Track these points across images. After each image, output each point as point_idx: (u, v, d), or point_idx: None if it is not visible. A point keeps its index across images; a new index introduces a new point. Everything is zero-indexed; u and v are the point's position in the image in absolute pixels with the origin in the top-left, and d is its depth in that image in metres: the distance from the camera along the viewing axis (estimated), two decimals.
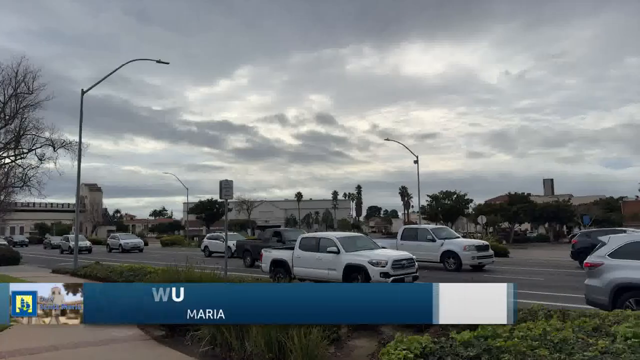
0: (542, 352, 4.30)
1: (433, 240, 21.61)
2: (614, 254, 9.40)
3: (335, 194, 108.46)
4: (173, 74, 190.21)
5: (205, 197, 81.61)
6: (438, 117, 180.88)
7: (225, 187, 16.31)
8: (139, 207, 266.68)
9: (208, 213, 78.45)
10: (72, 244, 41.23)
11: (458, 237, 23.68)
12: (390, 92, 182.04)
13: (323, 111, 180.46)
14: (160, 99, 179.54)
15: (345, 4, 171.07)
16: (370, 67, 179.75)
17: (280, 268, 15.67)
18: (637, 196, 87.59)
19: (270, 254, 16.57)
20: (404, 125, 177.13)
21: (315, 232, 40.66)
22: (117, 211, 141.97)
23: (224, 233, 36.90)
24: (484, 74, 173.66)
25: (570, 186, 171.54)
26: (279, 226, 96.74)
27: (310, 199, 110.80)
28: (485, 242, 23.55)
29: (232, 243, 33.43)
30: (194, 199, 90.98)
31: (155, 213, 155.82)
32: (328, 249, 14.29)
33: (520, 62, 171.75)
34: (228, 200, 17.56)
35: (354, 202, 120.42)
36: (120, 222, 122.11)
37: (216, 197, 74.38)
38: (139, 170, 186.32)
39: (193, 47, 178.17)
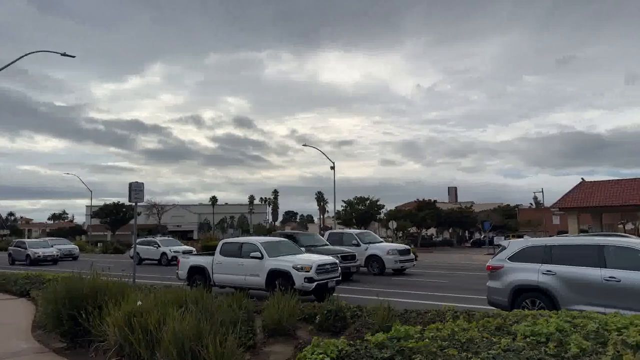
0: (451, 351, 4.48)
1: (358, 245, 21.97)
2: (513, 258, 10.12)
3: (251, 198, 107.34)
4: (78, 68, 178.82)
5: (111, 200, 77.55)
6: (354, 125, 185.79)
7: (135, 189, 15.52)
8: (35, 210, 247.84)
9: (114, 217, 74.46)
10: (31, 251, 33.47)
11: (381, 242, 24.40)
12: (308, 98, 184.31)
13: (241, 114, 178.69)
14: (64, 94, 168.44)
15: (264, 7, 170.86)
16: (289, 72, 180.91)
17: (198, 275, 15.09)
18: (531, 204, 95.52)
19: (188, 260, 15.93)
20: (322, 131, 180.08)
21: (231, 237, 39.55)
22: (11, 214, 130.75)
23: (159, 238, 35.31)
24: (397, 85, 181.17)
25: (472, 194, 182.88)
26: (192, 231, 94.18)
27: (226, 203, 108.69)
28: (407, 247, 24.46)
29: (168, 249, 31.85)
30: (98, 202, 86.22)
31: (54, 217, 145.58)
32: (251, 254, 13.96)
33: (431, 75, 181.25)
34: (137, 204, 16.73)
35: (271, 206, 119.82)
36: (15, 226, 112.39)
37: (123, 200, 71.47)
38: (37, 170, 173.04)
39: (101, 41, 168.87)
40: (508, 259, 10.20)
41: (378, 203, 64.17)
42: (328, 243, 21.23)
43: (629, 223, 71.69)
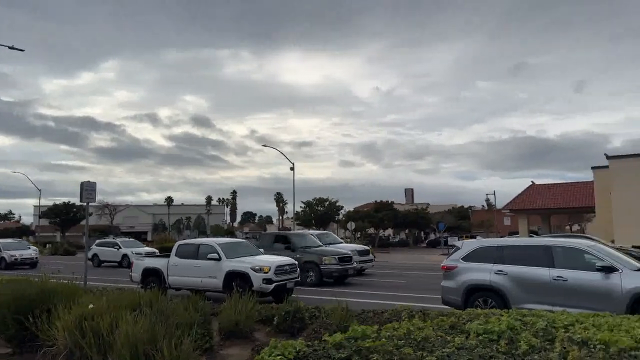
0: (407, 350, 4.57)
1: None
2: (466, 258, 10.39)
3: (209, 199, 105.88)
4: (27, 62, 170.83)
5: (61, 200, 74.80)
6: (313, 126, 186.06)
7: (87, 189, 15.03)
8: None
9: (64, 217, 71.91)
10: (7, 254, 30.02)
11: (341, 242, 24.63)
12: (268, 99, 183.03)
13: (199, 113, 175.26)
14: (11, 89, 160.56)
15: (225, 6, 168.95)
16: (249, 71, 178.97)
17: (153, 277, 14.72)
18: (483, 206, 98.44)
19: (142, 262, 15.54)
20: (282, 132, 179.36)
21: (187, 238, 38.84)
22: None
23: (120, 239, 34.17)
24: (356, 87, 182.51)
25: (428, 195, 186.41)
26: (146, 232, 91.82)
27: (182, 203, 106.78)
28: (367, 247, 24.82)
29: (130, 251, 30.84)
30: (47, 201, 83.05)
31: None
32: (208, 256, 13.72)
33: (389, 79, 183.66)
34: (89, 204, 16.19)
35: (229, 207, 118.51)
36: None
37: (74, 200, 69.21)
38: None
39: (52, 34, 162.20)
40: (461, 259, 10.45)
41: (337, 204, 64.67)
42: (322, 244, 20.79)
43: (575, 224, 75.04)
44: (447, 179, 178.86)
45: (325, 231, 31.57)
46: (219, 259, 13.61)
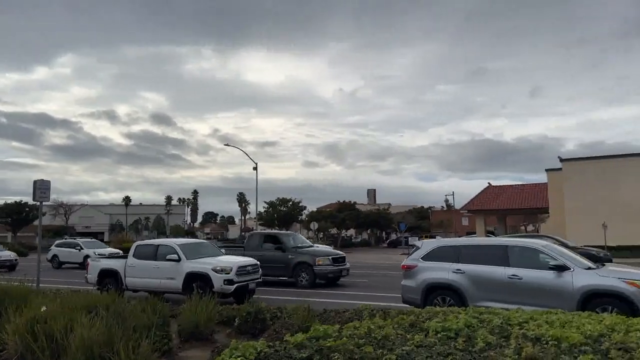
0: (367, 349, 4.61)
1: None
2: (426, 257, 10.58)
3: (169, 198, 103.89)
4: None
5: (12, 199, 71.89)
6: (277, 126, 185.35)
7: (41, 187, 14.49)
8: None
9: (16, 217, 69.12)
10: None
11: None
12: (231, 98, 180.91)
13: (159, 111, 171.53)
14: None
15: (186, 2, 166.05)
16: (211, 69, 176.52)
17: (110, 279, 14.35)
18: (443, 206, 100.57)
19: (98, 263, 15.12)
20: (244, 131, 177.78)
21: (146, 239, 37.99)
22: None
23: (82, 240, 32.99)
24: (320, 88, 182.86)
25: (389, 196, 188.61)
26: (102, 233, 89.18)
27: (140, 203, 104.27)
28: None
29: (92, 252, 29.78)
30: None
31: None
32: (167, 257, 13.46)
33: (352, 80, 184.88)
34: (42, 203, 15.63)
35: (190, 207, 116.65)
36: None
37: (26, 199, 66.68)
38: None
39: (4, 26, 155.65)
40: (421, 258, 10.64)
41: (300, 204, 64.71)
42: (312, 244, 20.52)
43: (530, 225, 77.53)
44: (408, 180, 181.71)
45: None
46: (179, 260, 13.38)
